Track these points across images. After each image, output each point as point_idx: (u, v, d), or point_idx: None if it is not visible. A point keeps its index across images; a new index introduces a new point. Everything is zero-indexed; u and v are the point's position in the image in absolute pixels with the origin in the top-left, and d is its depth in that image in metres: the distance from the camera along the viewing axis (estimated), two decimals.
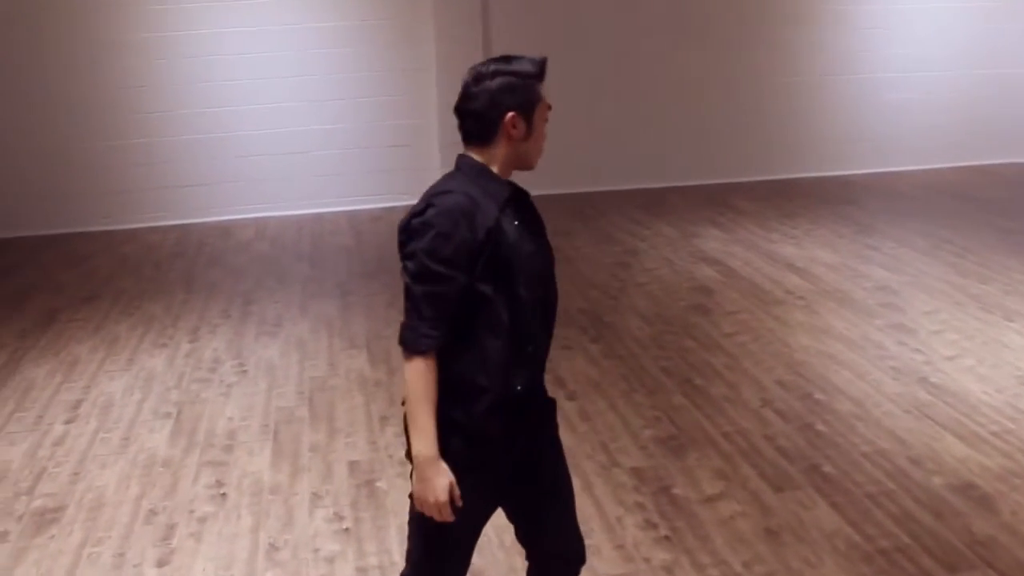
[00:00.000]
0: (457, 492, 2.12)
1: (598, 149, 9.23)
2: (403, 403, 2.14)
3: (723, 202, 8.62)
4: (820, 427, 4.20)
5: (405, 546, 2.36)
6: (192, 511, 3.74)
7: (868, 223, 7.72)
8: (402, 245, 2.13)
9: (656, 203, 8.68)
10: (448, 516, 2.12)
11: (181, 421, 4.55)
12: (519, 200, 2.24)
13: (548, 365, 4.83)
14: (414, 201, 2.20)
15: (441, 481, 2.10)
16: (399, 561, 3.24)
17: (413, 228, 2.10)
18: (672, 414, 4.40)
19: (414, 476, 2.14)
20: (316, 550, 3.43)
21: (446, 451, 2.12)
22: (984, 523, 3.42)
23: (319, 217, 8.41)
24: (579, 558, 2.46)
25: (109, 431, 4.47)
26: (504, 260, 2.11)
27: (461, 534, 2.23)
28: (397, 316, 2.64)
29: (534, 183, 8.72)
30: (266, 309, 6.09)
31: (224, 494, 3.86)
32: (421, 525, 2.21)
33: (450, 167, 2.23)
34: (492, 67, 2.16)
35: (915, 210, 8.13)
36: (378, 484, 3.86)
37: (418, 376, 2.09)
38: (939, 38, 9.59)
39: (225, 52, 8.27)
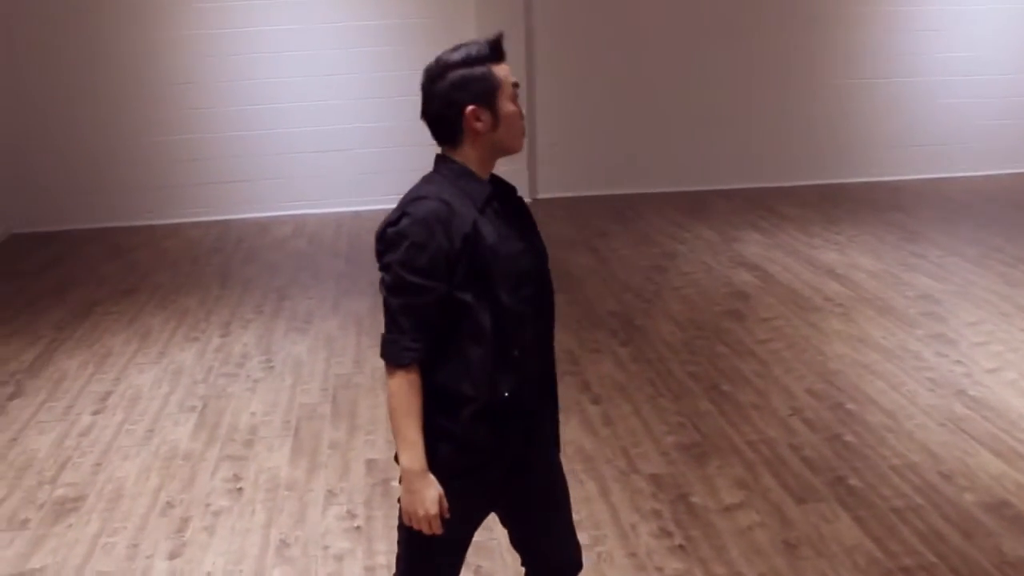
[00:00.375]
0: (446, 504, 2.07)
1: (641, 150, 9.14)
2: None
3: (767, 206, 8.47)
4: (849, 438, 4.08)
5: None
6: (208, 505, 3.74)
7: (916, 230, 7.53)
8: (379, 255, 2.05)
9: (699, 206, 8.56)
10: (438, 529, 2.07)
11: (205, 415, 4.57)
12: (505, 197, 2.17)
13: (574, 368, 4.81)
14: None
15: (430, 493, 2.05)
16: None
17: (388, 238, 2.02)
18: (697, 420, 4.31)
19: (402, 488, 2.09)
20: (326, 547, 3.41)
21: (435, 457, 2.07)
22: (1016, 543, 3.28)
23: (358, 215, 8.43)
24: (574, 565, 2.39)
25: (134, 423, 4.50)
26: (483, 265, 2.02)
27: (450, 541, 2.17)
28: None
29: (575, 184, 8.64)
30: (298, 305, 6.11)
31: (240, 489, 3.86)
32: (409, 532, 2.15)
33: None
34: (441, 63, 2.06)
35: (966, 217, 7.91)
36: (394, 483, 3.83)
37: (402, 390, 2.03)
38: (995, 40, 9.33)
39: (268, 50, 8.34)
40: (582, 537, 3.36)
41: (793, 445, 4.04)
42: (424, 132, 2.15)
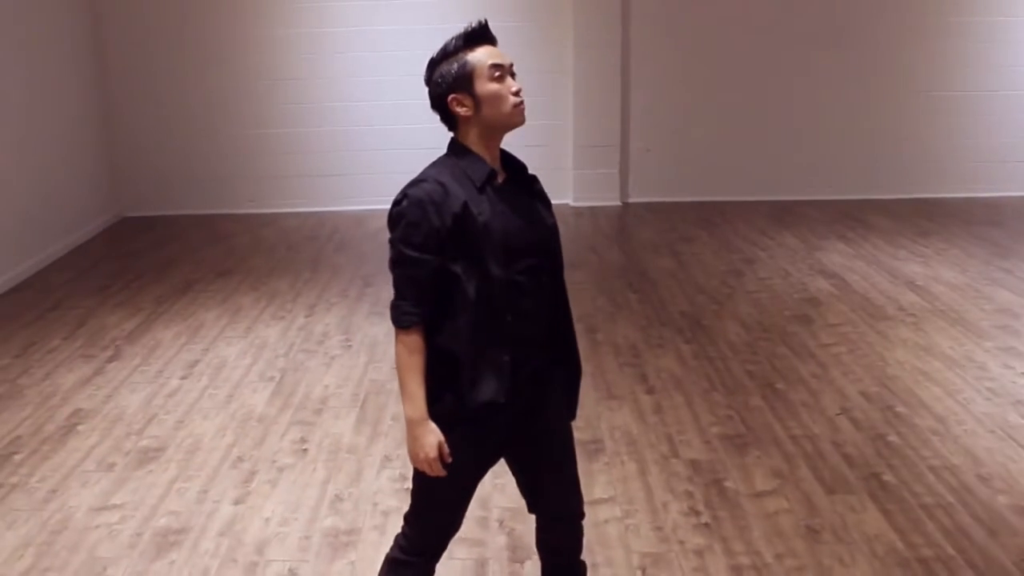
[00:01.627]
0: (446, 450, 2.29)
1: (733, 158, 9.21)
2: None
3: (857, 218, 8.43)
4: (892, 438, 4.13)
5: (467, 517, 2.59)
6: (274, 461, 4.06)
7: (1008, 245, 7.40)
8: (389, 232, 2.32)
9: (787, 215, 8.59)
10: (438, 471, 2.30)
11: (282, 385, 4.90)
12: (515, 177, 2.38)
13: (635, 360, 4.96)
14: None
15: (430, 439, 2.28)
16: None
17: (392, 217, 2.28)
18: (745, 414, 4.42)
19: (406, 435, 2.32)
20: (375, 504, 3.67)
21: (440, 407, 2.30)
22: None
23: None
24: (575, 515, 2.58)
25: (217, 388, 4.87)
26: (472, 240, 2.24)
27: (455, 483, 2.39)
28: None
29: (667, 190, 8.79)
30: (381, 292, 6.41)
31: (306, 449, 4.16)
32: (418, 477, 2.40)
33: (583, 167, 2.31)
34: (428, 63, 2.31)
35: None
36: None
37: (405, 349, 2.28)
38: None
39: (370, 49, 8.75)
40: (614, 510, 3.56)
41: (835, 442, 4.11)
42: (519, 134, 2.41)
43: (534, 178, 2.45)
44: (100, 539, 3.49)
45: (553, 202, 2.50)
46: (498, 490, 3.70)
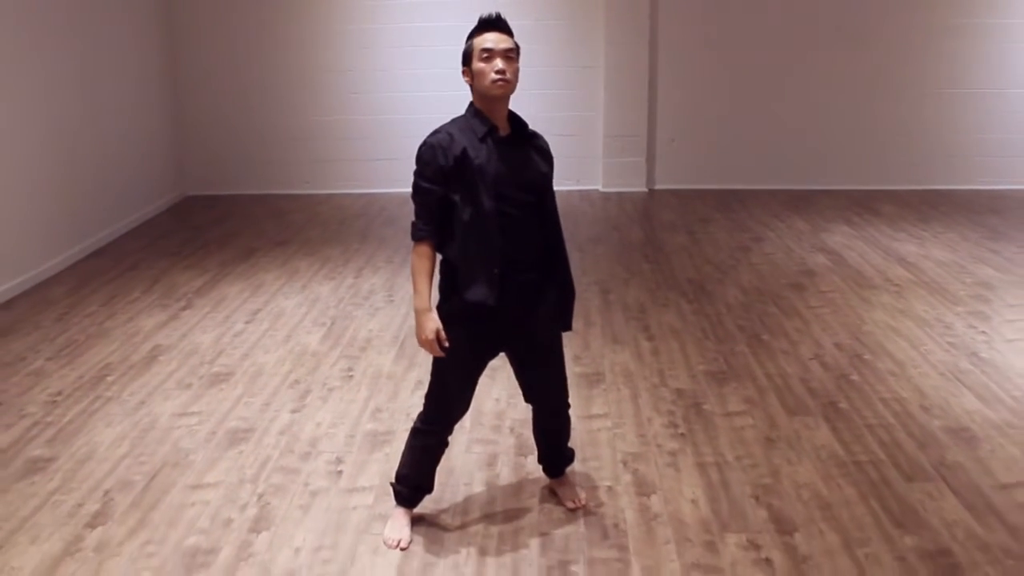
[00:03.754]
0: (443, 335, 3.02)
1: (755, 149, 9.84)
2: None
3: (867, 205, 9.01)
4: (854, 377, 4.79)
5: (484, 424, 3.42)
6: (325, 384, 4.82)
7: (1003, 231, 7.94)
8: None
9: (801, 202, 9.19)
10: (437, 352, 3.05)
11: (333, 328, 5.66)
12: (517, 135, 3.09)
13: (641, 315, 5.70)
14: (578, 186, 2.81)
15: (430, 325, 3.03)
16: (468, 426, 4.17)
17: (415, 158, 3.05)
18: (730, 358, 5.10)
19: (415, 324, 3.06)
20: (408, 414, 4.40)
21: (448, 306, 3.04)
22: (959, 453, 3.96)
23: None
24: (560, 407, 3.34)
25: (276, 331, 5.64)
26: (470, 177, 2.97)
27: (461, 368, 3.15)
28: None
29: (690, 178, 9.53)
30: None
31: (351, 376, 4.92)
32: (433, 364, 3.17)
33: (612, 156, 2.95)
34: None
35: None
36: None
37: (416, 256, 3.06)
38: None
39: (419, 43, 9.51)
40: (605, 423, 4.26)
41: (803, 379, 4.78)
42: (553, 124, 3.21)
43: (534, 134, 3.17)
44: (182, 435, 4.27)
45: (583, 188, 3.31)
46: (512, 406, 4.42)
